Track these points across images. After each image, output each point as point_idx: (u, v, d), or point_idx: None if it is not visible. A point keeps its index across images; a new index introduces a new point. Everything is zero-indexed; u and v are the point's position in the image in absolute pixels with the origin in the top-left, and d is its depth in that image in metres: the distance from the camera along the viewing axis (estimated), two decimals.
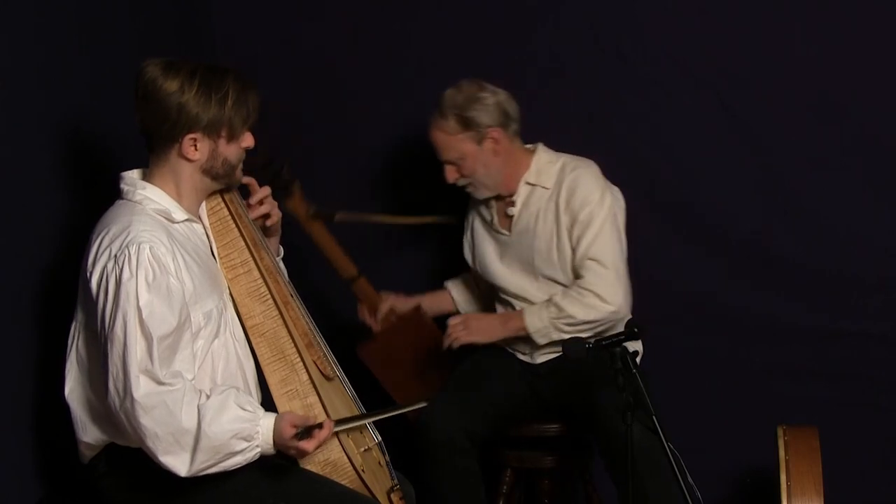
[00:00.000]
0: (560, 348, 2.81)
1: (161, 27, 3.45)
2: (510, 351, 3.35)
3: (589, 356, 2.76)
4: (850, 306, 3.64)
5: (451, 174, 3.29)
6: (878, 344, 3.63)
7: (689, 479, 2.67)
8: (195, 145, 2.47)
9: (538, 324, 3.18)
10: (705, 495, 2.84)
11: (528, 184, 3.28)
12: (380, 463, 2.70)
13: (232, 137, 2.50)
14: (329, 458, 2.55)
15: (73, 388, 2.47)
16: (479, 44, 3.74)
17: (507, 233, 3.33)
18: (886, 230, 3.61)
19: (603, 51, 3.65)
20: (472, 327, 3.27)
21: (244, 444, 2.37)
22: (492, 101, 3.21)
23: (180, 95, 2.42)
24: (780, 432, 3.14)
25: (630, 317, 3.17)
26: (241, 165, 2.58)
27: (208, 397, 2.37)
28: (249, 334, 2.58)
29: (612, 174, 3.70)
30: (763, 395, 3.71)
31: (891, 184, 3.60)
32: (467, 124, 3.21)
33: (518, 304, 3.30)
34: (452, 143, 3.23)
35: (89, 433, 2.46)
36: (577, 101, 3.70)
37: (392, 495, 2.65)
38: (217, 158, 2.51)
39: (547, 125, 3.72)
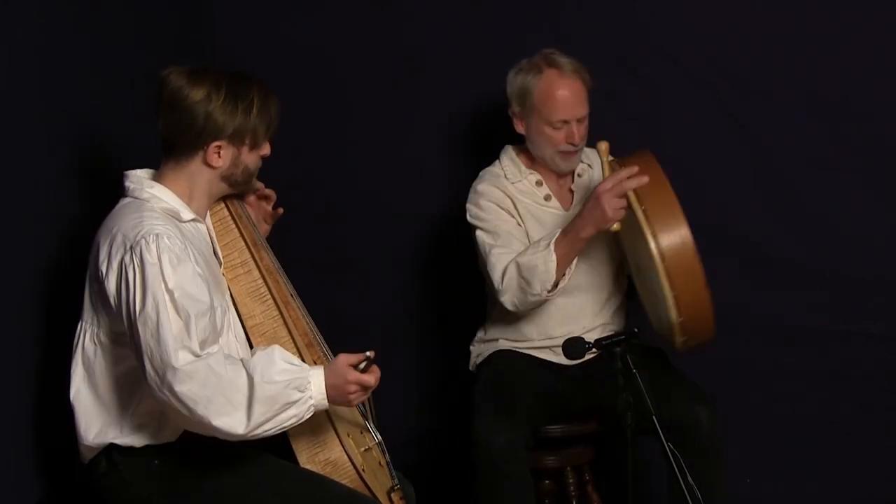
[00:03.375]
0: (596, 351, 2.77)
1: (162, 27, 3.45)
2: (531, 355, 3.27)
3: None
4: (850, 306, 3.64)
5: (580, 132, 3.17)
6: (878, 344, 3.63)
7: (690, 478, 2.67)
8: (219, 153, 2.48)
9: None
10: None
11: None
12: (380, 463, 2.70)
13: (255, 146, 2.53)
14: (329, 458, 2.55)
15: (78, 388, 2.46)
16: (478, 44, 3.74)
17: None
18: (886, 230, 3.61)
19: (603, 51, 3.65)
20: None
21: (298, 395, 2.36)
22: None
23: (207, 104, 2.44)
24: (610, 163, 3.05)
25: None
26: (256, 173, 2.61)
27: (250, 359, 2.37)
28: (250, 334, 2.58)
29: None
30: (763, 395, 3.71)
31: (891, 184, 3.60)
32: (590, 81, 3.19)
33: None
34: (586, 97, 3.17)
35: (92, 433, 2.46)
36: None
37: (392, 495, 2.66)
38: (238, 166, 2.53)
39: None
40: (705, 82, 3.64)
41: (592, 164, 3.33)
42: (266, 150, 2.57)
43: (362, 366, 2.42)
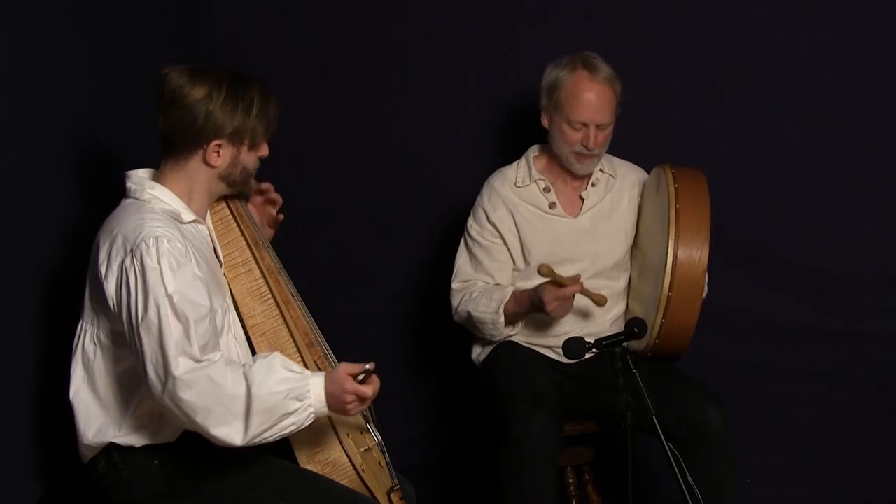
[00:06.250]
0: (595, 350, 2.77)
1: (162, 28, 3.45)
2: (536, 349, 3.26)
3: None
4: (850, 306, 3.64)
5: (598, 139, 3.16)
6: (877, 344, 3.63)
7: (689, 478, 2.66)
8: (218, 152, 2.48)
9: None
10: None
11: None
12: (380, 463, 2.70)
13: (253, 146, 2.53)
14: (329, 458, 2.55)
15: (78, 387, 2.46)
16: (477, 43, 3.74)
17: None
18: (886, 230, 3.61)
19: (602, 51, 3.65)
20: None
21: (297, 404, 2.36)
22: None
23: (208, 102, 2.44)
24: (669, 175, 3.09)
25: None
26: (254, 174, 2.61)
27: (251, 366, 2.37)
28: (250, 334, 2.58)
29: None
30: (763, 395, 3.71)
31: (891, 184, 3.61)
32: (620, 93, 3.19)
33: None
34: (613, 105, 3.17)
35: (91, 433, 2.45)
36: None
37: (392, 495, 2.65)
38: (237, 166, 2.52)
39: None
40: (705, 82, 3.64)
41: (615, 174, 3.29)
42: (264, 151, 2.57)
43: (361, 377, 2.41)
